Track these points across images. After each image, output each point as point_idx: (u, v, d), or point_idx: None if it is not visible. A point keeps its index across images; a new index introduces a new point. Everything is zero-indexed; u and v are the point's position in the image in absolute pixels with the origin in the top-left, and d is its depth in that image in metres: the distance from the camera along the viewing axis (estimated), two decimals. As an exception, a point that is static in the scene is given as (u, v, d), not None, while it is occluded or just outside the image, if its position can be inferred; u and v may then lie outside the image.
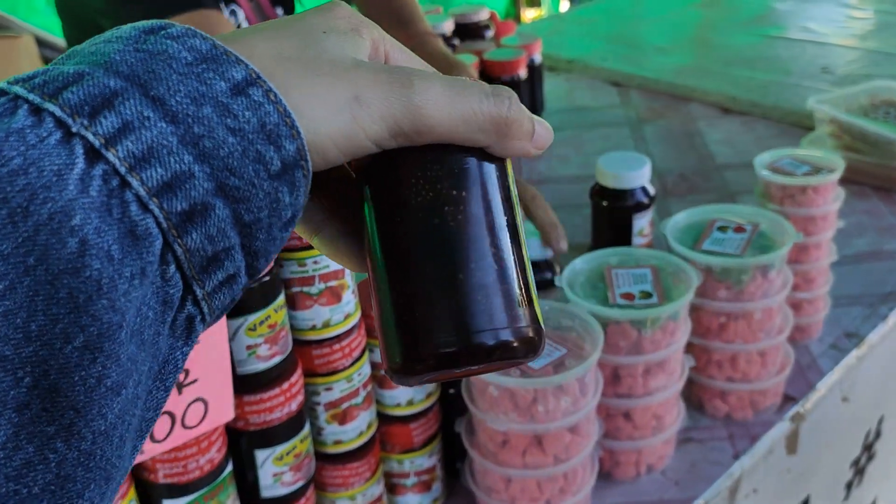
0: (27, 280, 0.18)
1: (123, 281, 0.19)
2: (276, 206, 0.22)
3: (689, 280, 0.64)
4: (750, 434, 0.71)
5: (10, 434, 0.18)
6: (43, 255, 0.18)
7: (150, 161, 0.20)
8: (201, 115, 0.21)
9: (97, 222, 0.19)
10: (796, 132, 1.21)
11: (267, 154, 0.21)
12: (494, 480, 0.61)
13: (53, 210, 0.19)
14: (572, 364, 0.57)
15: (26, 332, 0.18)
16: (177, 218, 0.20)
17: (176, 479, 0.47)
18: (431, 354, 0.24)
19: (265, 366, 0.51)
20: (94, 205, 0.19)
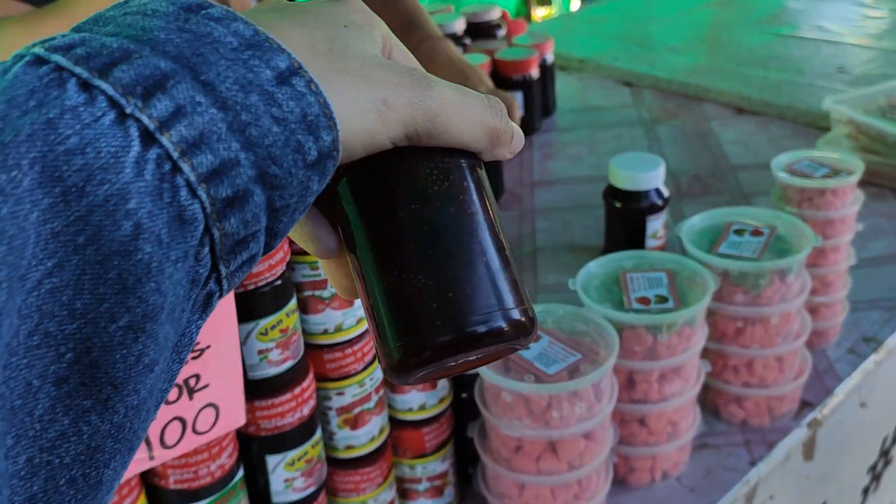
0: (76, 259, 0.19)
1: (169, 265, 0.20)
2: (305, 193, 0.23)
3: (706, 284, 0.63)
4: (766, 440, 0.70)
5: (48, 407, 0.18)
6: (95, 235, 0.19)
7: (200, 147, 0.20)
8: (249, 102, 0.21)
9: (150, 206, 0.19)
10: (811, 133, 1.20)
11: (306, 144, 0.22)
12: (507, 486, 0.60)
13: (110, 192, 0.19)
14: (587, 369, 0.56)
15: (71, 310, 0.19)
16: (220, 204, 0.21)
17: (187, 484, 0.47)
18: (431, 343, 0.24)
19: (277, 371, 0.50)
20: (148, 189, 0.19)
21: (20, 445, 0.18)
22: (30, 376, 0.18)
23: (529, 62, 1.26)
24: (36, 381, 0.18)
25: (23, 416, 0.18)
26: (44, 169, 0.18)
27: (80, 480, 0.19)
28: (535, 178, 1.19)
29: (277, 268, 0.48)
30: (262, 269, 0.47)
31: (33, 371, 0.18)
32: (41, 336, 0.18)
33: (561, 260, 0.98)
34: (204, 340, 0.44)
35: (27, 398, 0.18)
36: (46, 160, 0.18)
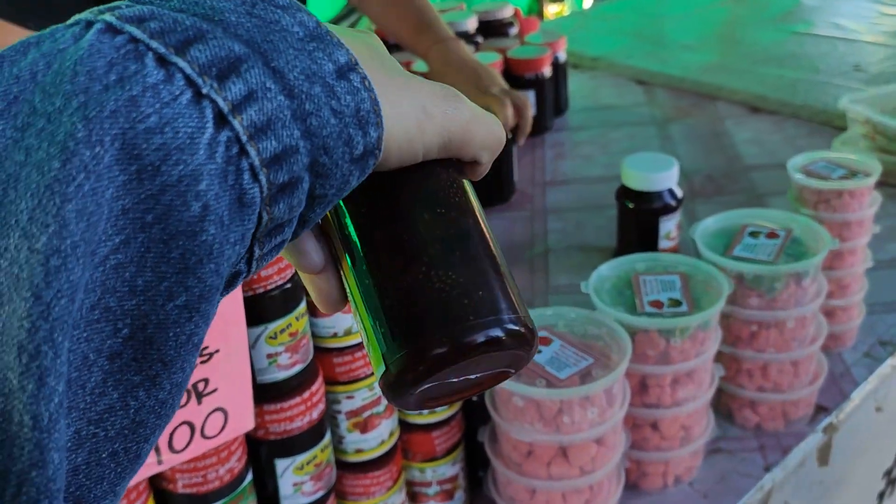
0: (142, 236, 0.19)
1: (228, 247, 0.20)
2: (344, 186, 0.23)
3: (720, 288, 0.63)
4: (781, 445, 0.69)
5: (100, 381, 0.19)
6: (163, 214, 0.19)
7: (267, 133, 0.20)
8: (313, 93, 0.21)
9: (217, 188, 0.20)
10: (827, 132, 1.18)
11: (355, 138, 0.22)
12: (518, 491, 0.59)
13: (184, 173, 0.19)
14: (599, 374, 0.56)
15: (132, 287, 0.19)
16: (275, 189, 0.21)
17: (195, 489, 0.47)
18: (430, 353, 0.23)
19: (286, 374, 0.50)
20: (217, 171, 0.20)
21: (70, 417, 0.18)
22: (87, 350, 0.19)
23: (542, 60, 1.25)
24: (92, 354, 0.19)
25: (76, 389, 0.18)
26: (123, 146, 0.18)
27: (121, 454, 0.20)
28: (546, 178, 1.18)
29: (286, 271, 0.47)
30: (272, 273, 0.47)
31: (91, 345, 0.19)
32: (101, 311, 0.19)
33: (573, 261, 0.97)
34: (213, 344, 0.43)
35: (82, 371, 0.19)
36: (126, 137, 0.18)
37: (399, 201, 0.25)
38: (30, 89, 0.19)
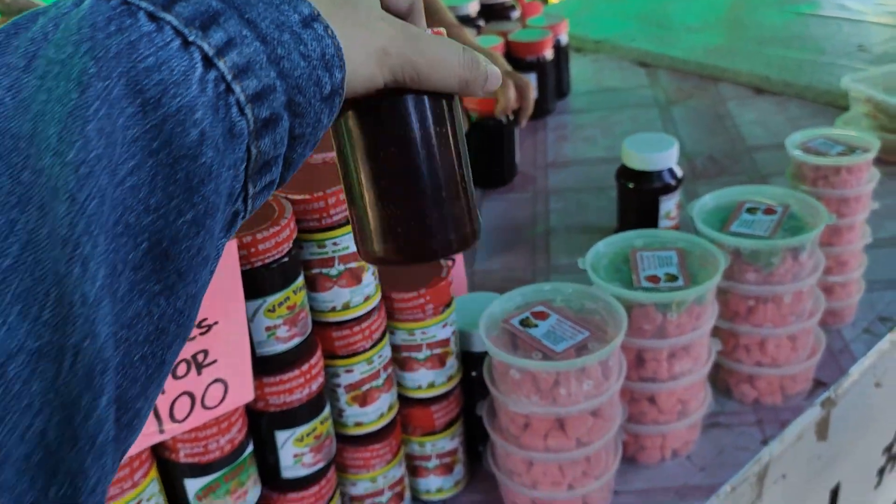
0: (151, 161, 0.22)
1: (224, 170, 0.23)
2: (318, 125, 0.27)
3: (717, 263, 0.63)
4: (779, 419, 0.70)
5: (126, 290, 0.21)
6: (167, 141, 0.22)
7: (247, 73, 0.24)
8: (283, 39, 0.25)
9: (211, 118, 0.23)
10: (831, 112, 1.18)
11: (323, 79, 0.26)
12: (516, 463, 0.60)
13: (181, 104, 0.22)
14: (595, 347, 0.56)
15: (147, 205, 0.22)
16: (259, 124, 0.24)
17: (197, 458, 0.48)
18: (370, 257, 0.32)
19: (284, 347, 0.50)
20: (210, 103, 0.23)
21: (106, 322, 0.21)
22: (115, 260, 0.21)
23: (543, 43, 1.25)
24: (119, 265, 0.21)
25: (110, 295, 0.21)
26: (128, 82, 0.21)
27: (149, 358, 0.22)
28: (548, 160, 1.19)
29: (284, 245, 0.48)
30: (269, 247, 0.47)
31: (118, 255, 0.21)
32: (123, 226, 0.21)
33: (574, 241, 0.98)
34: (211, 316, 0.44)
35: (113, 279, 0.21)
36: (130, 75, 0.21)
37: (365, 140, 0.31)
38: (44, 46, 0.22)
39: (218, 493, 0.49)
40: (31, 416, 0.18)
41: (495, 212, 1.06)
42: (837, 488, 0.82)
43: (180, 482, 0.48)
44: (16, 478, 0.18)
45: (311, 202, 0.51)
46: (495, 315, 0.61)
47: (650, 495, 0.64)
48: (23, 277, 0.19)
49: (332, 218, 0.51)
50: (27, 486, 0.18)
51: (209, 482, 0.48)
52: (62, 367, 0.19)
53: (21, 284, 0.19)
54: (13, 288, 0.18)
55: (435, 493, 0.66)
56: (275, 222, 0.48)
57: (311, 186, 0.51)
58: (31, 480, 0.18)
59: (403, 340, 0.60)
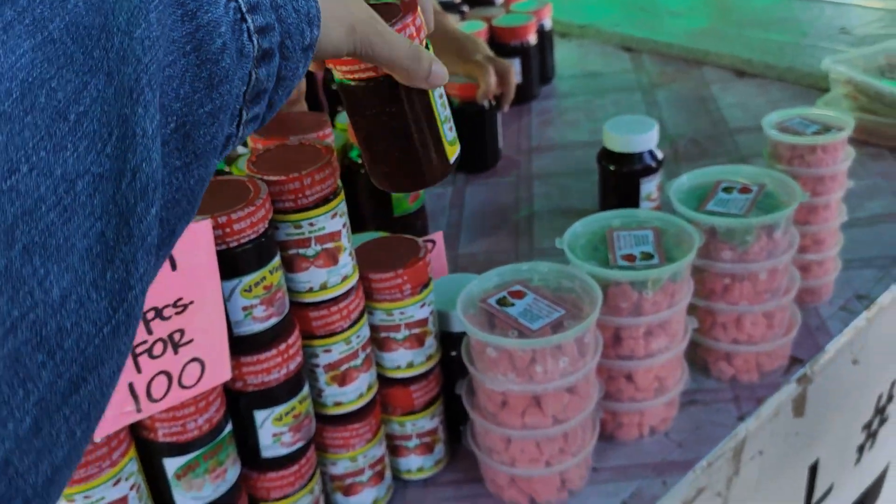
0: (183, 60, 0.27)
1: (236, 78, 0.30)
2: (296, 71, 0.34)
3: (692, 241, 0.64)
4: (755, 396, 0.71)
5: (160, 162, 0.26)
6: (198, 46, 0.28)
7: (257, 10, 0.30)
8: None
9: (230, 35, 0.29)
10: (813, 94, 1.19)
11: (305, 32, 0.33)
12: (494, 441, 0.61)
13: (211, 18, 0.28)
14: (571, 325, 0.57)
15: (177, 93, 0.27)
16: (260, 52, 0.31)
17: (175, 437, 0.48)
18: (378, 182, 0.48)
19: (261, 327, 0.51)
20: (230, 23, 0.29)
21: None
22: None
23: (527, 28, 1.26)
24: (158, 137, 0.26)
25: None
26: None
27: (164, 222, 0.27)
28: (532, 145, 1.19)
29: (259, 225, 0.49)
30: (245, 227, 0.48)
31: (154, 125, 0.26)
32: (158, 106, 0.26)
33: (556, 224, 0.98)
34: (187, 296, 0.45)
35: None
36: None
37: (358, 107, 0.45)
38: None
39: (197, 471, 0.49)
40: (93, 220, 0.23)
41: (479, 196, 1.07)
42: (816, 465, 0.83)
43: (159, 461, 0.49)
44: (79, 263, 0.23)
45: (287, 183, 0.51)
46: (473, 295, 0.61)
47: (628, 471, 0.65)
48: (91, 121, 0.23)
49: (308, 199, 0.52)
50: (87, 269, 0.23)
51: (188, 461, 0.49)
52: (121, 184, 0.24)
53: (90, 126, 0.23)
54: (83, 128, 0.23)
55: (416, 473, 0.66)
56: (250, 202, 0.48)
57: (287, 168, 0.52)
58: (91, 265, 0.23)
59: (382, 321, 0.60)
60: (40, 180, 0.22)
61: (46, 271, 0.22)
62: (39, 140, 0.22)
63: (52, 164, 0.22)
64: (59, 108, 0.22)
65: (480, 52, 1.09)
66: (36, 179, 0.21)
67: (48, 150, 0.22)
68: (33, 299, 0.21)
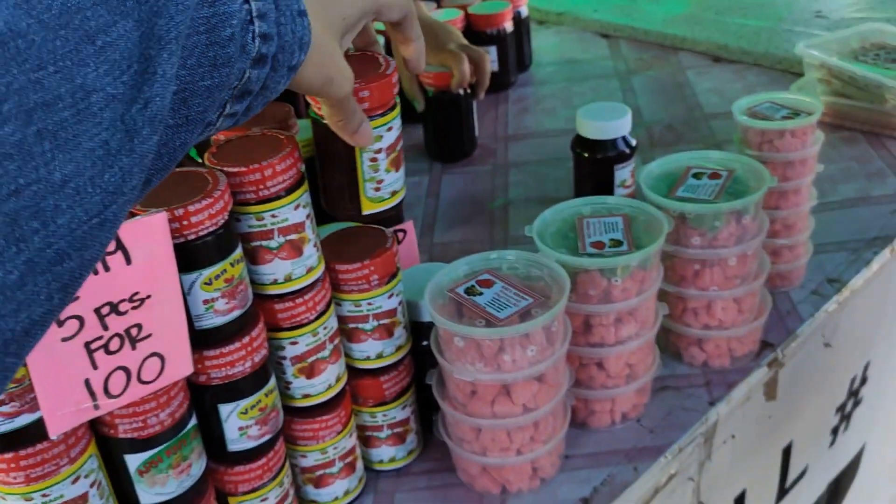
0: (196, 37, 0.32)
1: (238, 65, 0.35)
2: (278, 86, 0.39)
3: (661, 227, 0.64)
4: (727, 381, 0.71)
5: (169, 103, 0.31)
6: (211, 29, 0.32)
7: (263, 19, 0.36)
8: (286, 13, 0.37)
9: (239, 29, 0.34)
10: (788, 79, 1.19)
11: (295, 53, 0.39)
12: (465, 431, 0.61)
13: (227, 10, 0.33)
14: (539, 313, 0.57)
15: (185, 63, 0.32)
16: (258, 55, 0.36)
17: (136, 433, 0.48)
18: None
19: (224, 320, 0.50)
20: (241, 20, 0.34)
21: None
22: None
23: (502, 15, 1.25)
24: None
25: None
26: None
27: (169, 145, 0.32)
28: (509, 133, 1.18)
29: (218, 217, 0.48)
30: (203, 219, 0.47)
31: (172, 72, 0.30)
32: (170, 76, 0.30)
33: (532, 213, 0.96)
34: (143, 290, 0.44)
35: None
36: None
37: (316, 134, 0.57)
38: None
39: (160, 467, 0.49)
40: (100, 129, 0.27)
41: (455, 185, 1.06)
42: (790, 447, 0.84)
43: (120, 457, 0.48)
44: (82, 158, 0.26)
45: (247, 174, 0.50)
46: (441, 284, 0.61)
47: (600, 458, 0.65)
48: (114, 52, 0.27)
49: (270, 190, 0.51)
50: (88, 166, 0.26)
51: (150, 457, 0.48)
52: (132, 108, 0.28)
53: (112, 55, 0.27)
54: (106, 55, 0.26)
55: (388, 463, 0.66)
56: (208, 194, 0.47)
57: (247, 158, 0.51)
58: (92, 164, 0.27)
59: (350, 311, 0.60)
60: (62, 82, 0.25)
61: (53, 156, 0.25)
62: (67, 52, 0.25)
63: (73, 73, 0.25)
64: (88, 33, 0.26)
65: (454, 41, 1.08)
66: (58, 80, 0.25)
67: (73, 61, 0.25)
68: (38, 174, 0.25)
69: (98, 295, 0.42)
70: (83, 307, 0.41)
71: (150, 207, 0.45)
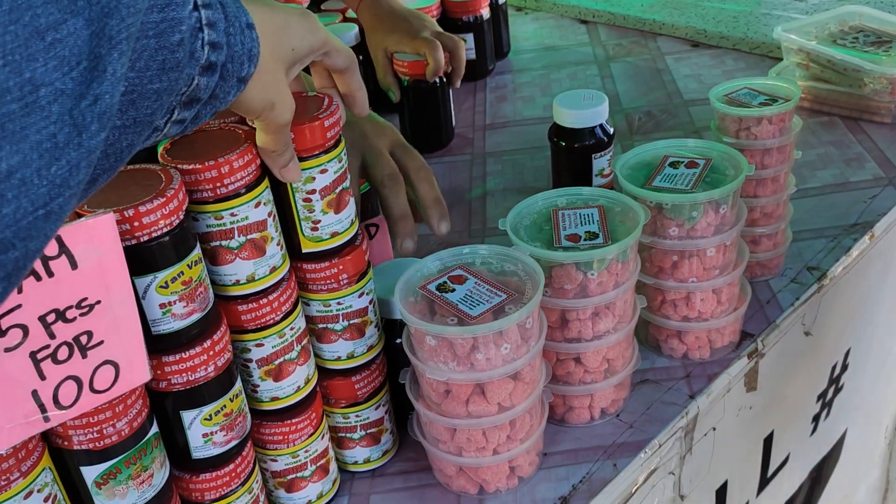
0: (145, 41, 0.34)
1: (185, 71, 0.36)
2: (227, 96, 0.41)
3: (637, 219, 0.62)
4: (707, 373, 0.70)
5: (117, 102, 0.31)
6: (160, 33, 0.34)
7: (213, 27, 0.37)
8: (235, 24, 0.39)
9: (188, 35, 0.36)
10: (766, 64, 1.18)
11: (245, 64, 0.41)
12: (440, 431, 0.59)
13: (176, 16, 0.35)
14: (512, 310, 0.55)
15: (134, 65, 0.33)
16: (206, 62, 0.38)
17: (91, 444, 0.46)
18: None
19: (182, 324, 0.48)
20: (191, 27, 0.36)
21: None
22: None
23: (479, 2, 1.23)
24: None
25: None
26: None
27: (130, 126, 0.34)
28: (487, 122, 1.16)
29: (172, 217, 0.46)
30: (156, 220, 0.45)
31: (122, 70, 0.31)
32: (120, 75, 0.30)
33: (509, 202, 0.95)
34: (92, 295, 0.42)
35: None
36: None
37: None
38: None
39: (119, 478, 0.47)
40: (48, 122, 0.27)
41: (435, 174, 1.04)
42: (771, 437, 0.83)
43: (77, 470, 0.46)
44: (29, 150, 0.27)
45: (203, 171, 0.48)
46: (412, 281, 0.59)
47: (579, 455, 0.64)
48: (63, 48, 0.27)
49: (228, 187, 0.49)
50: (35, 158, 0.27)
51: (108, 468, 0.46)
52: (80, 104, 0.28)
53: (61, 51, 0.27)
54: (55, 51, 0.27)
55: (363, 464, 0.65)
56: (160, 193, 0.45)
57: (204, 154, 0.49)
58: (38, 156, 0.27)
59: (319, 312, 0.58)
60: (10, 76, 0.26)
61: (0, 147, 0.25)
62: (17, 46, 0.26)
63: (22, 67, 0.26)
64: (38, 29, 0.26)
65: (428, 29, 1.06)
66: (7, 73, 0.25)
67: (22, 55, 0.26)
68: None
69: (43, 302, 0.39)
70: (27, 315, 0.39)
71: (99, 208, 0.43)
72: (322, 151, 0.53)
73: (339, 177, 0.55)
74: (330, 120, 0.53)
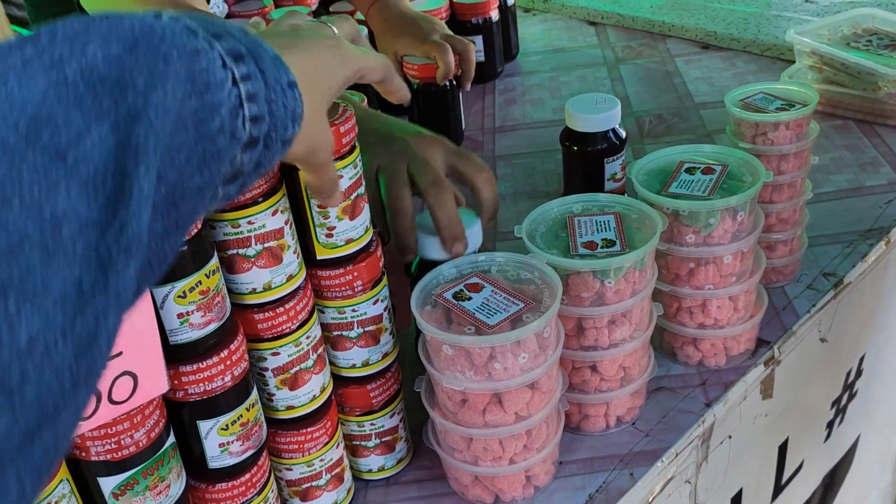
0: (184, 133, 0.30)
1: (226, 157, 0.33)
2: (271, 161, 0.37)
3: (654, 226, 0.61)
4: (723, 381, 0.70)
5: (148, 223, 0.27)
6: (199, 123, 0.30)
7: (253, 100, 0.34)
8: (276, 89, 0.35)
9: (228, 118, 0.32)
10: (777, 66, 1.17)
11: (289, 128, 0.37)
12: (455, 440, 0.59)
13: (215, 100, 0.31)
14: (530, 319, 0.55)
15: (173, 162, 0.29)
16: (249, 139, 0.34)
17: (109, 456, 0.45)
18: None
19: (200, 334, 0.48)
20: (230, 107, 0.32)
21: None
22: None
23: (488, 4, 1.22)
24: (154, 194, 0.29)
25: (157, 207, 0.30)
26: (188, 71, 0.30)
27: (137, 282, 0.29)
28: (496, 125, 1.16)
29: (191, 227, 0.45)
30: (175, 230, 0.45)
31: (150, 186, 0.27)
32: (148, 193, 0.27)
33: (520, 207, 0.96)
34: (111, 307, 0.41)
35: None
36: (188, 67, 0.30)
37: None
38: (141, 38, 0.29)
39: (136, 489, 0.47)
40: (73, 265, 0.23)
41: (441, 180, 1.04)
42: (786, 444, 0.82)
43: (94, 481, 0.46)
44: (52, 307, 0.22)
45: (221, 180, 0.48)
46: (429, 288, 0.59)
47: (595, 464, 0.64)
48: (87, 166, 0.24)
49: (245, 196, 0.49)
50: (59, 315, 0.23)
51: (126, 479, 0.46)
52: (106, 235, 0.24)
53: (85, 171, 0.24)
54: (79, 171, 0.24)
55: (377, 472, 0.64)
56: (179, 203, 0.45)
57: (222, 163, 0.48)
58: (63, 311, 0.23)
59: (333, 319, 0.58)
60: (29, 218, 0.22)
61: (19, 312, 0.22)
62: (35, 178, 0.22)
63: (42, 204, 0.22)
64: (59, 148, 0.23)
65: (437, 32, 1.05)
66: (24, 216, 0.22)
67: (42, 188, 0.22)
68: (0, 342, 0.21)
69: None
70: (47, 328, 0.39)
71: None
72: (337, 158, 0.53)
73: (353, 183, 0.54)
74: (345, 126, 0.52)
